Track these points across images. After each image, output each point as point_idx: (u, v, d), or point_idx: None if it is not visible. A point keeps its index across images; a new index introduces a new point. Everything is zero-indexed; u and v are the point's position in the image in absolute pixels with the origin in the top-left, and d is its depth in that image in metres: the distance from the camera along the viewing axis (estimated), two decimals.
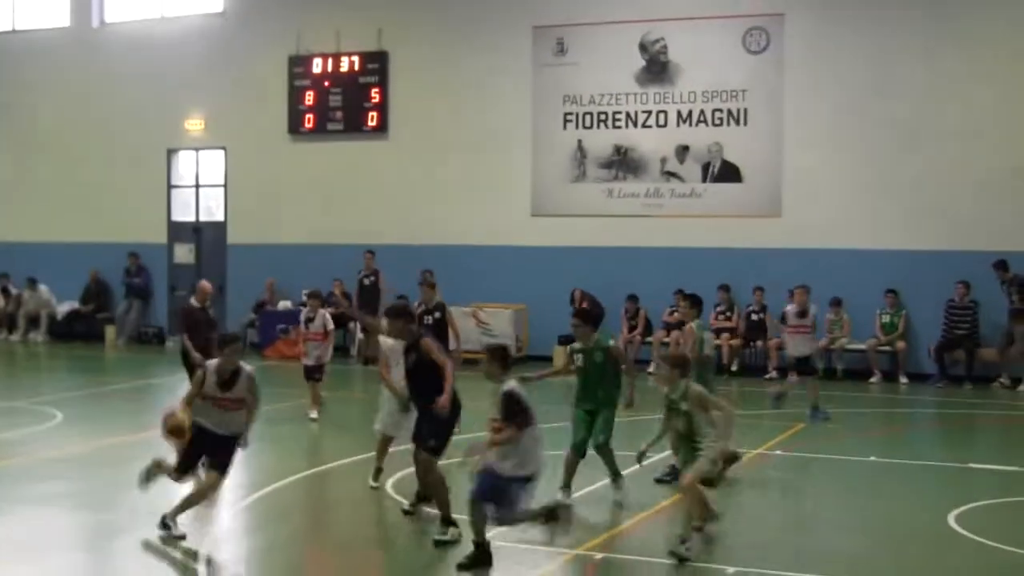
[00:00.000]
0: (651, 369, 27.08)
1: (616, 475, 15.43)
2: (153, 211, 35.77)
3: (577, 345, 15.21)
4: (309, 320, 21.75)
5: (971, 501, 15.55)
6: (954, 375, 27.36)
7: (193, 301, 20.51)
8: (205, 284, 20.95)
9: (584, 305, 27.36)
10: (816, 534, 14.42)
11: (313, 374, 21.85)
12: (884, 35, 28.77)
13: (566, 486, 15.01)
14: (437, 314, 20.78)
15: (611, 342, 15.59)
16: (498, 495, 11.75)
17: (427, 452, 13.20)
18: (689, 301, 18.08)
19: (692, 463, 12.69)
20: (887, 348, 28.17)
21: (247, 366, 13.69)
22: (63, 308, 36.24)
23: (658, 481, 16.06)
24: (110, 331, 35.42)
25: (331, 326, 22.24)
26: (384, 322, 14.55)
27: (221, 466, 13.62)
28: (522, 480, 11.81)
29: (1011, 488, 16.69)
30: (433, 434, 13.27)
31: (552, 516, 12.00)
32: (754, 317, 29.15)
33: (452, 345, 20.95)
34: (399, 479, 16.16)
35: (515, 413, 11.83)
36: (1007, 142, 27.72)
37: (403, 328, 13.72)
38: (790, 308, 22.43)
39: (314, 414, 21.51)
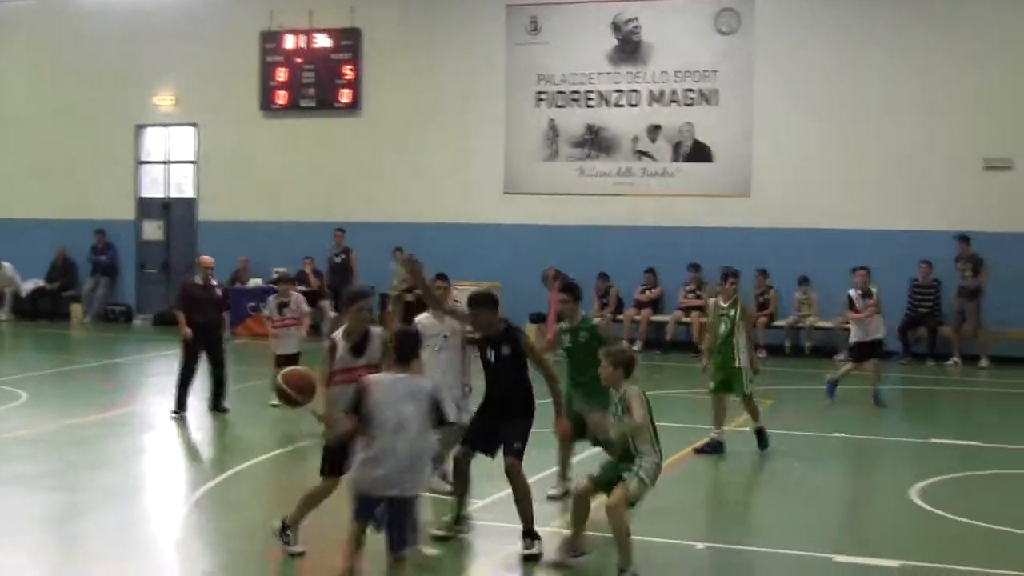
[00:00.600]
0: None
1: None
2: (121, 188, 35.66)
3: (564, 324, 14.16)
4: (283, 305, 20.44)
5: (932, 475, 15.81)
6: (917, 352, 27.97)
7: (196, 279, 20.93)
8: (205, 258, 21.24)
9: (558, 284, 28.03)
10: (780, 507, 14.80)
11: (292, 362, 18.62)
12: (852, 17, 29.17)
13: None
14: (418, 291, 20.98)
15: (595, 321, 14.68)
16: None
17: (514, 456, 12.19)
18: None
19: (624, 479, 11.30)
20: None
21: (375, 327, 12.11)
22: (28, 286, 35.69)
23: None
24: (76, 309, 35.18)
25: (306, 308, 21.19)
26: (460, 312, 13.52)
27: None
28: None
29: (969, 462, 16.97)
30: (520, 436, 12.32)
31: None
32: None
33: None
34: None
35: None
36: (973, 124, 28.21)
37: (491, 318, 12.65)
38: (853, 292, 21.97)
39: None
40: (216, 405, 20.48)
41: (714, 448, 17.17)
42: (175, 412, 20.07)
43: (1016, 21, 28.36)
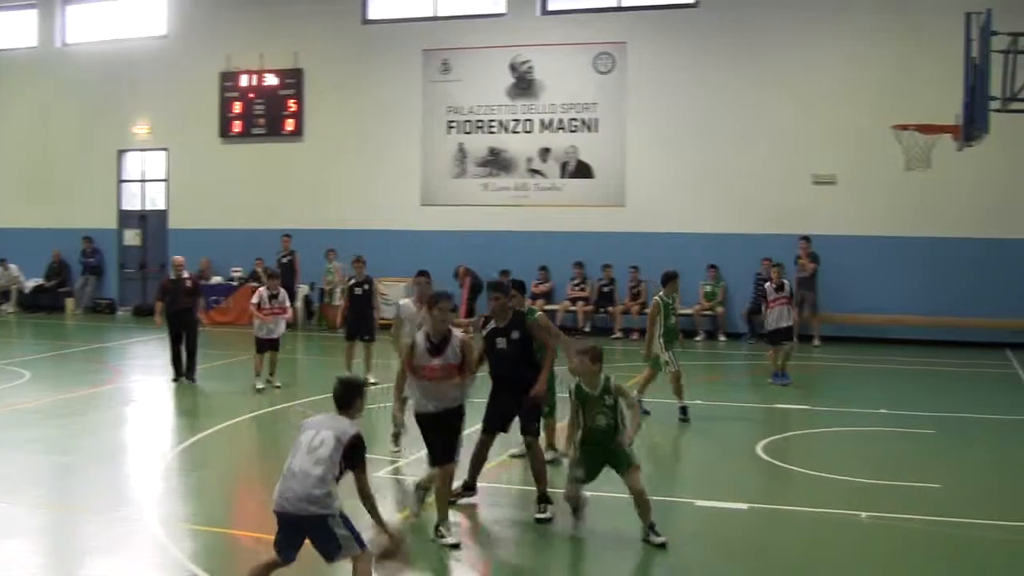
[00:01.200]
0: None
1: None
2: (106, 202, 35.21)
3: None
4: (273, 296, 19.81)
5: (774, 434, 16.03)
6: (761, 334, 27.57)
7: (171, 275, 21.25)
8: (176, 258, 21.52)
9: (468, 279, 27.58)
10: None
11: (275, 346, 19.80)
12: (705, 60, 29.10)
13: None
14: (366, 286, 20.59)
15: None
16: None
17: (533, 435, 11.70)
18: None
19: (630, 464, 10.67)
20: (709, 312, 28.57)
21: (457, 330, 11.05)
22: (30, 283, 35.53)
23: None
24: (69, 302, 34.96)
25: (289, 301, 20.78)
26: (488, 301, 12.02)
27: (445, 453, 10.85)
28: None
29: (804, 423, 17.10)
30: (535, 417, 11.79)
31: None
32: (604, 289, 29.46)
33: (375, 315, 20.75)
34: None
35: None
36: (805, 147, 28.11)
37: (504, 304, 11.75)
38: (768, 285, 20.65)
39: (277, 382, 19.87)
40: (188, 375, 20.54)
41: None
42: (173, 379, 20.55)
43: (832, 65, 28.16)
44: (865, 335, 26.84)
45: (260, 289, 20.22)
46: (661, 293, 17.50)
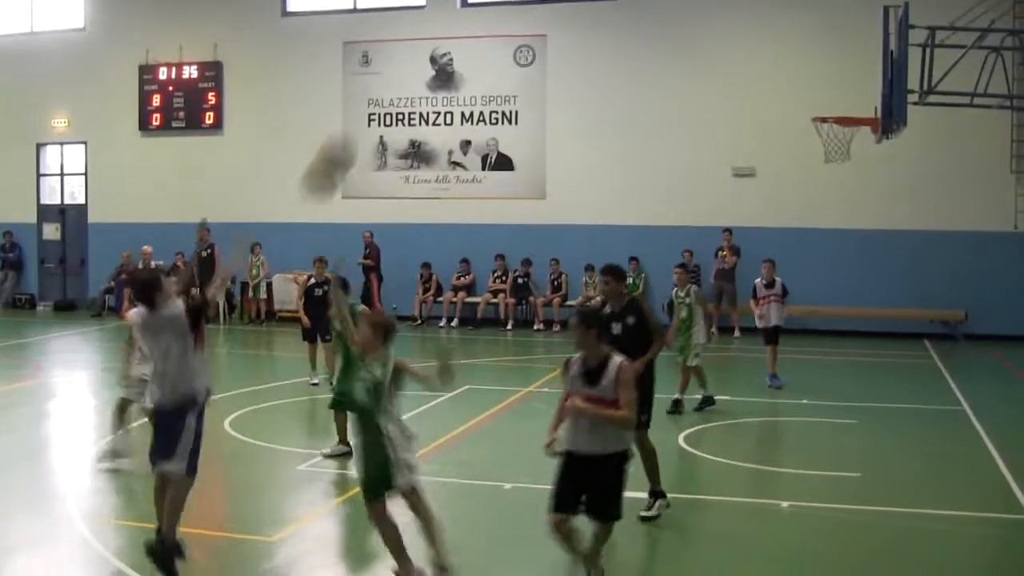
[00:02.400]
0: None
1: None
2: (24, 196, 34.49)
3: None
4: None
5: (695, 425, 15.96)
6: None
7: (139, 264, 21.30)
8: (146, 248, 22.22)
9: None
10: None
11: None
12: (623, 54, 29.07)
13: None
14: (327, 287, 20.06)
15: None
16: None
17: (645, 426, 11.02)
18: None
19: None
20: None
21: (616, 355, 8.87)
22: None
23: None
24: None
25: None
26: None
27: (607, 516, 9.02)
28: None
29: (726, 413, 16.99)
30: (648, 407, 11.15)
31: None
32: (520, 281, 29.35)
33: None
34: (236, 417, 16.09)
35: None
36: (723, 139, 28.15)
37: (619, 289, 11.16)
38: (759, 281, 19.68)
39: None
40: None
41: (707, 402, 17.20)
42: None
43: (751, 57, 28.23)
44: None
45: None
46: (676, 289, 17.44)
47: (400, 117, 30.81)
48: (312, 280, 20.12)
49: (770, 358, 19.53)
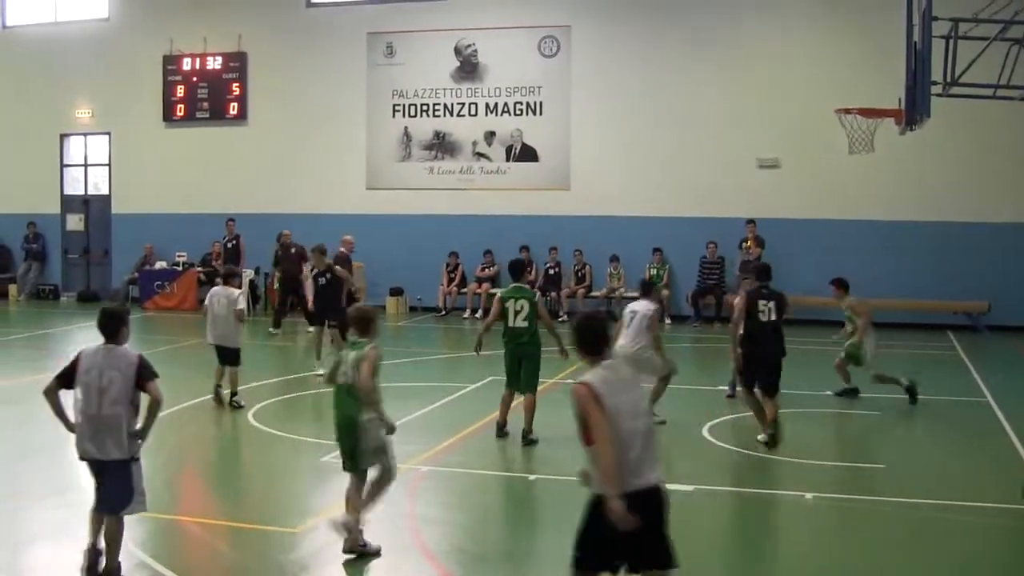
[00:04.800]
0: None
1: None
2: (48, 186, 34.68)
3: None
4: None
5: (720, 416, 16.03)
6: (706, 316, 27.91)
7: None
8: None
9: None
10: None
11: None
12: (651, 43, 29.11)
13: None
14: (328, 275, 20.16)
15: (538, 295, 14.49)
16: None
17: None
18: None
19: None
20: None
21: None
22: None
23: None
24: (12, 289, 34.31)
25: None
26: None
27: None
28: None
29: (714, 405, 16.98)
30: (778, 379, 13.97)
31: None
32: (551, 272, 29.49)
33: (345, 301, 19.91)
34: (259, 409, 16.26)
35: None
36: (749, 131, 28.11)
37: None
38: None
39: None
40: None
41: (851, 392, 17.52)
42: None
43: (775, 48, 28.32)
44: (810, 317, 26.93)
45: (237, 292, 17.49)
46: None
47: (424, 108, 30.92)
48: (315, 270, 20.23)
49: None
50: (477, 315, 28.98)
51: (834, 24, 27.80)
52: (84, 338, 23.92)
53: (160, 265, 32.01)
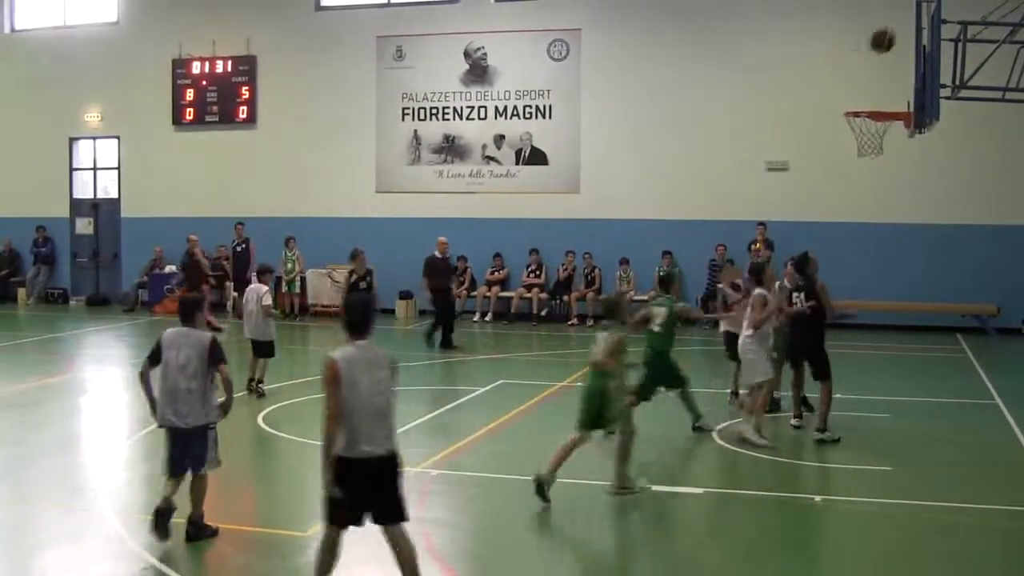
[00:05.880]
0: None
1: None
2: (57, 190, 34.81)
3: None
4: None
5: (731, 419, 15.76)
6: (717, 320, 27.99)
7: None
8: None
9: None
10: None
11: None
12: (660, 46, 29.23)
13: None
14: (368, 279, 20.16)
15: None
16: None
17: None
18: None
19: None
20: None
21: None
22: None
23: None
24: (22, 292, 34.56)
25: None
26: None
27: None
28: None
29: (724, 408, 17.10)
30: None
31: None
32: (562, 275, 29.57)
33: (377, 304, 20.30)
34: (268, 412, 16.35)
35: None
36: (758, 134, 28.29)
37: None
38: (723, 287, 18.03)
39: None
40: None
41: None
42: None
43: (784, 52, 28.45)
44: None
45: (265, 288, 18.11)
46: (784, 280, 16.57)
47: (434, 111, 31.04)
48: (355, 275, 20.07)
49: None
50: (487, 318, 29.10)
51: (843, 26, 27.76)
52: (94, 341, 24.17)
53: (170, 268, 32.08)
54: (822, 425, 14.40)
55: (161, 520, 9.98)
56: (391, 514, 8.38)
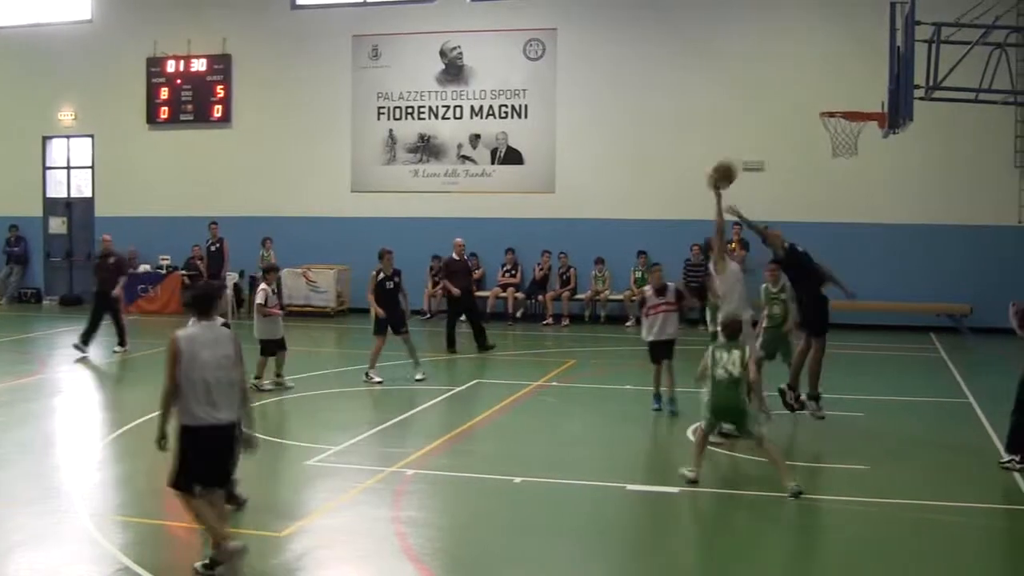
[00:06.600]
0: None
1: None
2: (31, 189, 34.59)
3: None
4: (276, 292, 19.37)
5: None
6: (691, 319, 27.88)
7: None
8: (104, 236, 23.98)
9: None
10: (582, 448, 14.54)
11: (284, 344, 18.94)
12: (636, 46, 29.32)
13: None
14: (396, 279, 20.10)
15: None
16: None
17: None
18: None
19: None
20: (639, 299, 28.77)
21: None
22: None
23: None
24: None
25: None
26: None
27: None
28: None
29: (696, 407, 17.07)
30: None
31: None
32: (538, 274, 29.59)
33: (402, 304, 20.12)
34: None
35: None
36: (735, 135, 28.17)
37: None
38: (647, 289, 17.09)
39: (289, 382, 18.86)
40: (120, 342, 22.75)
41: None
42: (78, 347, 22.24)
43: (761, 52, 28.57)
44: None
45: (263, 286, 18.96)
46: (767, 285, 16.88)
47: (409, 111, 31.04)
48: (382, 274, 20.02)
49: (668, 379, 16.77)
50: (462, 318, 28.97)
51: (818, 28, 28.00)
52: (67, 342, 24.01)
53: (144, 268, 31.91)
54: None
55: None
56: (221, 478, 9.40)
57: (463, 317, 24.55)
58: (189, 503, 9.20)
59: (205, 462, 9.21)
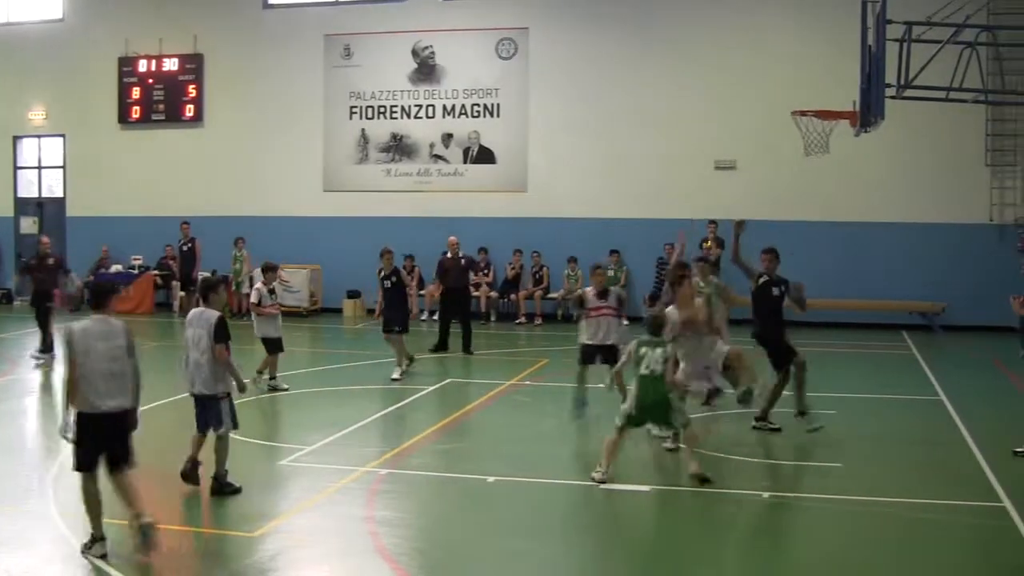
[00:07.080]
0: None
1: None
2: (1, 189, 34.41)
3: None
4: (272, 291, 18.75)
5: None
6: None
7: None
8: (42, 239, 23.75)
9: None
10: (555, 446, 14.55)
11: (281, 345, 18.71)
12: (608, 45, 29.41)
13: None
14: (394, 278, 20.05)
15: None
16: None
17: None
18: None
19: None
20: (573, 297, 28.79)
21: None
22: None
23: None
24: None
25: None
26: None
27: None
28: None
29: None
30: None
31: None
32: (510, 273, 29.63)
33: (409, 303, 20.49)
34: None
35: None
36: (708, 134, 28.54)
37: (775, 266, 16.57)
38: (589, 290, 16.29)
39: (285, 384, 18.56)
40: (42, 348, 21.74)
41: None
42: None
43: (732, 51, 28.70)
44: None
45: (258, 285, 18.80)
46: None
47: (382, 110, 31.00)
48: (382, 273, 20.02)
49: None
50: (435, 317, 28.95)
51: (791, 27, 28.10)
52: (38, 342, 23.88)
53: (116, 268, 31.74)
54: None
55: (189, 475, 11.87)
56: (121, 459, 9.82)
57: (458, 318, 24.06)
58: (84, 485, 9.84)
59: (102, 446, 9.78)
